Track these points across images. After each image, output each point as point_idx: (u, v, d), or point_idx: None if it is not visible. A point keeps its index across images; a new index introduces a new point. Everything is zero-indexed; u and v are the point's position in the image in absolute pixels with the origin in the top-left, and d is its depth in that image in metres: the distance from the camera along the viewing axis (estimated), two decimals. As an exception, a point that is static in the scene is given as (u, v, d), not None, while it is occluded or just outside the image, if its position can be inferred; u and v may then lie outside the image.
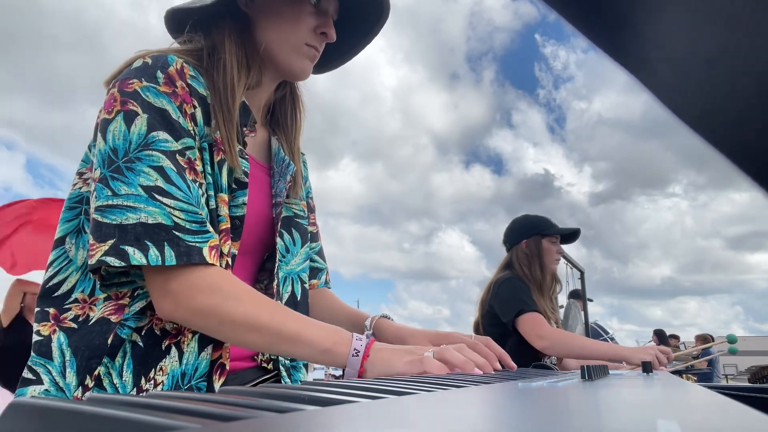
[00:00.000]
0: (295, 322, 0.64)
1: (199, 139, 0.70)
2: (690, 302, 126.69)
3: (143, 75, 0.67)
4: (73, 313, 0.68)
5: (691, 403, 0.25)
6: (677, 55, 0.16)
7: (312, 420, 0.16)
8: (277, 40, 0.78)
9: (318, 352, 0.63)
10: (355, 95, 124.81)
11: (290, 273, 0.85)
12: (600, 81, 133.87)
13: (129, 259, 0.60)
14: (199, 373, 0.67)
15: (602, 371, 0.56)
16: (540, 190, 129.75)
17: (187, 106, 0.69)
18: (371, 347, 0.62)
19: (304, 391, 0.24)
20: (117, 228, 0.61)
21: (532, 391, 0.29)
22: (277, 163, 0.85)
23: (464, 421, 0.16)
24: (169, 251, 0.61)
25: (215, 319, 0.63)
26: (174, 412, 0.19)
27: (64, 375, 0.64)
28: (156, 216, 0.62)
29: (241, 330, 0.63)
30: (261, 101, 0.85)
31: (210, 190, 0.70)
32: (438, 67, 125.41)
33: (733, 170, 0.16)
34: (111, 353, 0.64)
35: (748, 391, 1.07)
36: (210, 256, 0.64)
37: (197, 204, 0.66)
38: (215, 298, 0.63)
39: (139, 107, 0.65)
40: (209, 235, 0.65)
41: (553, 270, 1.94)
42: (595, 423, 0.16)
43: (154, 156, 0.64)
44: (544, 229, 1.93)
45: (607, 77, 64.05)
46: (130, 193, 0.62)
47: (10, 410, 0.20)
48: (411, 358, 0.60)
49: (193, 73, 0.71)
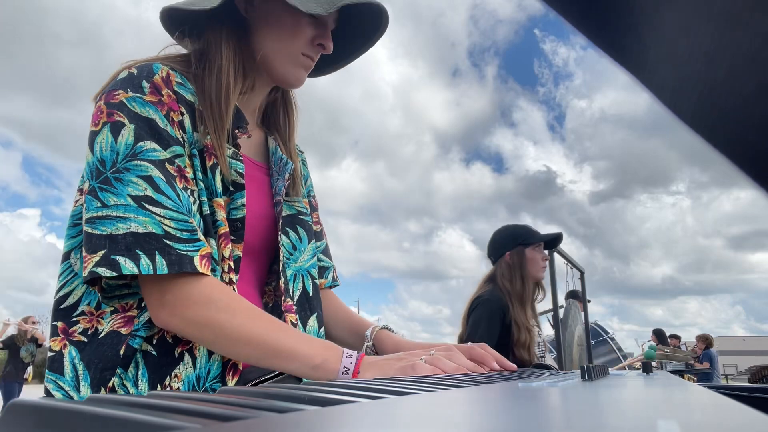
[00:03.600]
0: (289, 338, 0.64)
1: (189, 146, 0.70)
2: (691, 302, 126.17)
3: (128, 85, 0.67)
4: (82, 326, 0.68)
5: (691, 403, 0.25)
6: (677, 54, 0.16)
7: (312, 420, 0.16)
8: (274, 49, 0.78)
9: (309, 368, 0.63)
10: (355, 92, 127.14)
11: (300, 270, 0.85)
12: (601, 78, 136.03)
13: (120, 269, 0.60)
14: (212, 375, 0.68)
15: (602, 371, 0.56)
16: (542, 188, 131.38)
17: (175, 114, 0.69)
18: (361, 364, 0.62)
19: (304, 391, 0.24)
20: (107, 239, 0.61)
21: (532, 391, 0.29)
22: (275, 162, 0.85)
23: (464, 422, 0.16)
24: (161, 260, 0.61)
25: (209, 331, 0.63)
26: (174, 412, 0.18)
27: (78, 389, 0.65)
28: (146, 225, 0.62)
29: (235, 343, 0.63)
30: (254, 105, 0.85)
31: (203, 196, 0.70)
32: (439, 63, 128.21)
33: (732, 170, 0.16)
34: (124, 364, 0.64)
35: (748, 391, 1.07)
36: (201, 265, 0.64)
37: (188, 212, 0.66)
38: (208, 310, 0.63)
39: (126, 117, 0.65)
40: (200, 243, 0.65)
41: (540, 278, 1.95)
42: (595, 423, 0.16)
43: (142, 166, 0.64)
44: (526, 238, 1.94)
45: (608, 74, 65.57)
46: (119, 203, 0.62)
47: (10, 410, 0.20)
48: (402, 365, 0.60)
49: (180, 80, 0.71)
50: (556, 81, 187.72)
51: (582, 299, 3.65)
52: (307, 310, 0.84)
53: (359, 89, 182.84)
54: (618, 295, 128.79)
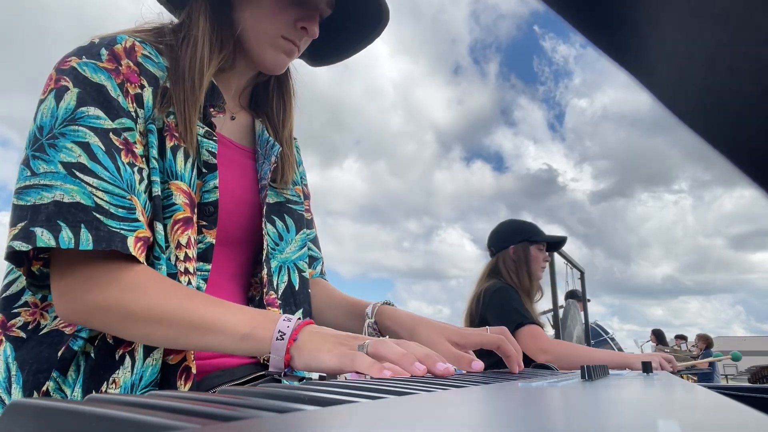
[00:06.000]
0: (208, 308, 0.56)
1: (144, 121, 0.63)
2: (692, 302, 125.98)
3: (84, 53, 0.62)
4: (23, 319, 0.61)
5: (691, 403, 0.25)
6: (676, 54, 0.16)
7: (312, 420, 0.16)
8: (253, 28, 0.72)
9: (235, 339, 0.54)
10: (356, 89, 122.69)
11: (285, 261, 0.80)
12: (602, 76, 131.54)
13: (35, 241, 0.52)
14: (144, 382, 0.58)
15: (602, 371, 0.56)
16: (543, 187, 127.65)
17: (131, 86, 0.62)
18: (302, 329, 0.54)
19: (304, 391, 0.24)
20: (30, 209, 0.54)
21: (532, 391, 0.29)
22: (261, 146, 0.79)
23: (464, 422, 0.16)
24: (86, 234, 0.53)
25: (115, 315, 0.55)
26: (174, 412, 0.18)
27: (9, 391, 0.58)
28: (74, 194, 0.54)
29: (146, 323, 0.55)
30: (233, 85, 0.79)
31: (156, 176, 0.62)
32: (440, 60, 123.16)
33: (732, 170, 0.17)
34: (61, 367, 0.57)
35: (748, 391, 1.07)
36: (134, 247, 0.56)
37: (129, 189, 0.58)
38: (110, 290, 0.55)
39: (71, 82, 0.59)
40: (138, 224, 0.58)
41: (539, 277, 1.92)
42: (595, 423, 0.16)
43: (80, 131, 0.57)
44: (532, 236, 1.90)
45: (608, 72, 64.41)
46: (48, 171, 0.55)
47: (9, 410, 0.20)
48: (341, 350, 0.51)
49: (148, 53, 0.66)
50: (556, 79, 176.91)
51: (582, 299, 3.65)
52: (292, 305, 0.79)
53: (360, 86, 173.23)
54: (618, 294, 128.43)
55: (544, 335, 1.68)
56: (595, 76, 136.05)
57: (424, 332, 0.71)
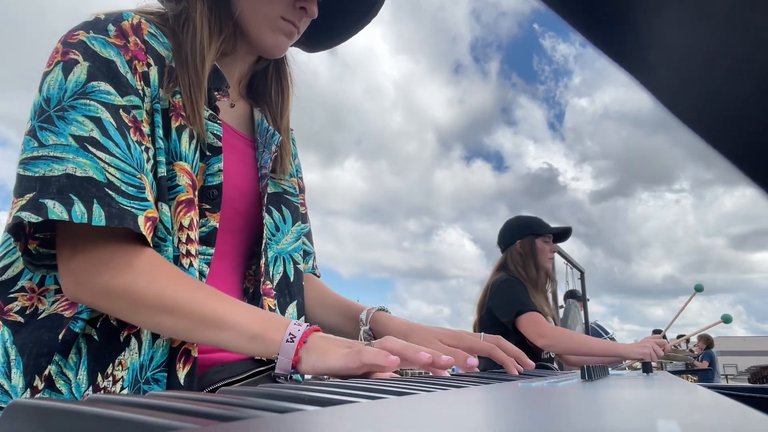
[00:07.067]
0: (219, 303, 0.56)
1: (150, 101, 0.62)
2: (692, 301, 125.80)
3: (92, 27, 0.61)
4: (20, 304, 0.59)
5: (691, 403, 0.25)
6: (676, 54, 0.16)
7: (312, 420, 0.16)
8: (252, 10, 0.71)
9: (246, 338, 0.55)
10: (357, 88, 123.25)
11: (281, 252, 0.79)
12: (601, 75, 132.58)
13: (47, 213, 0.51)
14: (155, 363, 0.59)
15: (602, 371, 0.56)
16: (543, 186, 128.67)
17: (139, 64, 0.62)
18: (311, 333, 0.56)
19: (304, 391, 0.24)
20: (39, 180, 0.52)
21: (532, 391, 0.29)
22: (260, 134, 0.78)
23: (464, 422, 0.16)
24: (99, 210, 0.53)
25: (126, 300, 0.55)
26: (174, 412, 0.19)
27: (9, 376, 0.56)
28: (87, 169, 0.53)
29: (157, 311, 0.55)
30: (236, 70, 0.78)
31: (161, 156, 0.62)
32: (440, 58, 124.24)
33: (732, 170, 0.17)
34: (63, 350, 0.56)
35: (748, 391, 1.07)
36: (145, 227, 0.56)
37: (138, 167, 0.58)
38: (123, 275, 0.55)
39: (81, 56, 0.58)
40: (147, 204, 0.57)
41: (548, 268, 2.02)
42: (595, 423, 0.16)
43: (91, 105, 0.56)
44: (537, 229, 2.03)
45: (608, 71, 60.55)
46: (58, 143, 0.54)
47: (9, 410, 0.20)
48: (348, 350, 0.53)
49: (154, 31, 0.65)
50: (556, 78, 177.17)
51: (582, 299, 3.65)
52: (286, 296, 0.78)
53: (361, 86, 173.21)
54: (618, 294, 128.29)
55: (544, 321, 1.78)
56: (595, 75, 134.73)
57: (419, 336, 0.73)
